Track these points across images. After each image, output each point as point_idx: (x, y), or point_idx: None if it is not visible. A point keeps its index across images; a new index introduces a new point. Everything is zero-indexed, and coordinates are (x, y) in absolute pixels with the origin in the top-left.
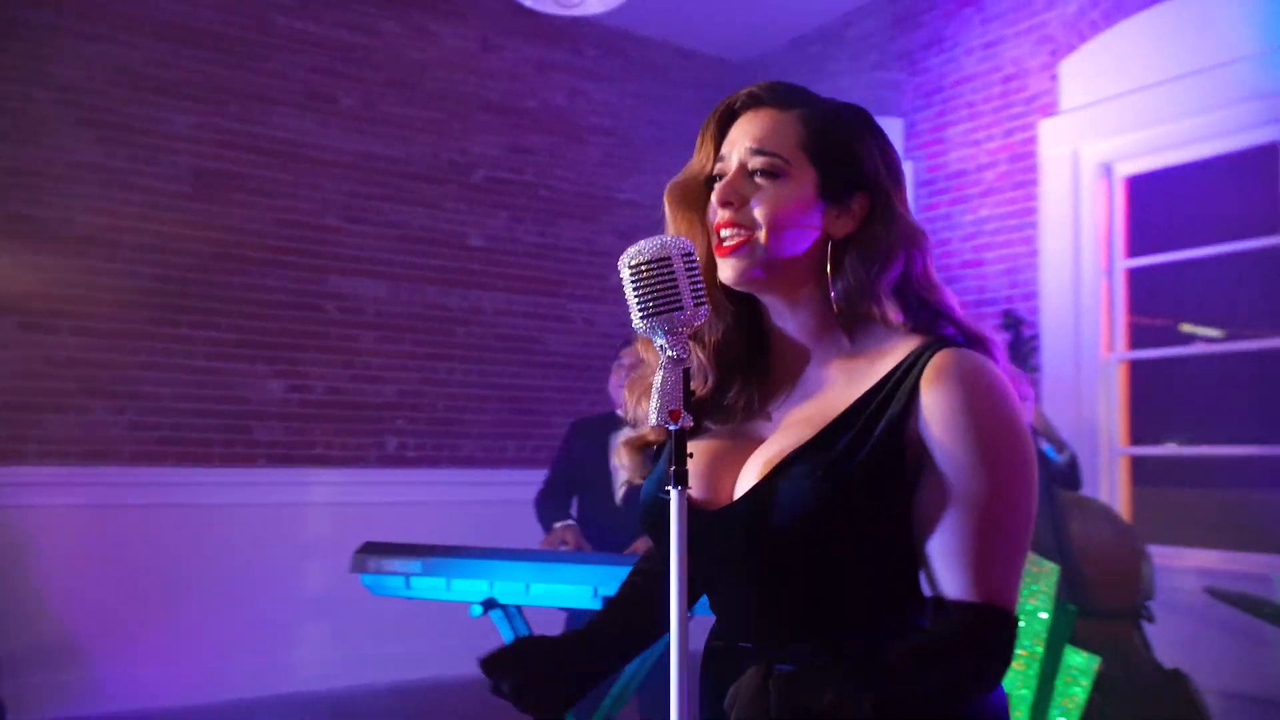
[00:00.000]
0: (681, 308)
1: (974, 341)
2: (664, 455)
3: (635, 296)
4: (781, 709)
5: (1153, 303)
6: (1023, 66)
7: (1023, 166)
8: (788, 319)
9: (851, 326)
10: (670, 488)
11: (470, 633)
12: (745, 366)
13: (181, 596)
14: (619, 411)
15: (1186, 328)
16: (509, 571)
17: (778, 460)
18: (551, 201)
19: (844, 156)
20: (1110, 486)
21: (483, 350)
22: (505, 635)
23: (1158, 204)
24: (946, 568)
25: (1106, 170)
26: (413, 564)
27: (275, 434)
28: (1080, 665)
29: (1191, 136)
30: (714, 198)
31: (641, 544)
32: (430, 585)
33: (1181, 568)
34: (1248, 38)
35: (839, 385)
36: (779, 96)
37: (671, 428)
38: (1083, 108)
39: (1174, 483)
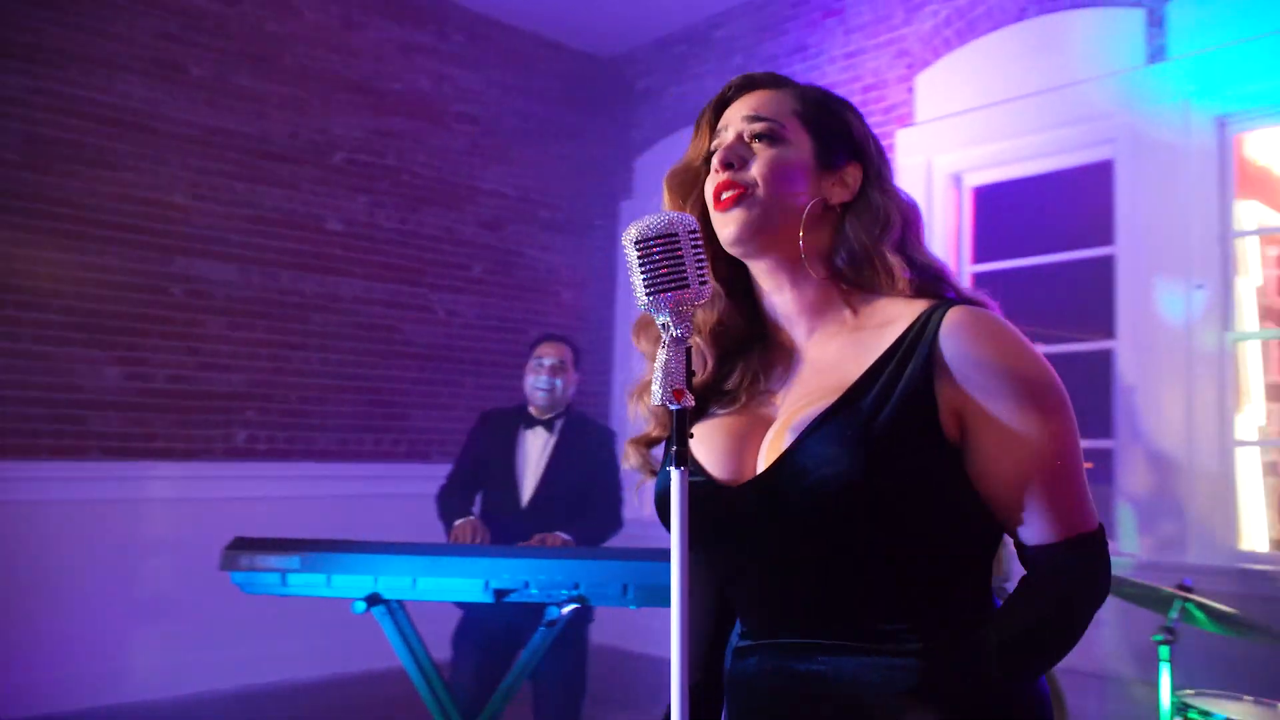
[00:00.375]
0: (687, 285)
1: (973, 303)
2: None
3: (641, 273)
4: None
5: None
6: (882, 78)
7: None
8: (788, 292)
9: (853, 296)
10: (671, 468)
11: (317, 633)
12: (744, 349)
13: (6, 601)
14: (531, 408)
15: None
16: (395, 566)
17: (802, 427)
18: (414, 187)
19: (837, 127)
20: None
21: (339, 339)
22: (389, 633)
23: (1002, 214)
24: (1027, 518)
25: (956, 180)
26: (290, 560)
27: (111, 425)
28: None
29: (1035, 152)
30: (714, 163)
31: (537, 541)
32: (309, 582)
33: None
34: (1088, 62)
35: (850, 355)
36: (770, 79)
37: (673, 407)
38: (936, 120)
39: None
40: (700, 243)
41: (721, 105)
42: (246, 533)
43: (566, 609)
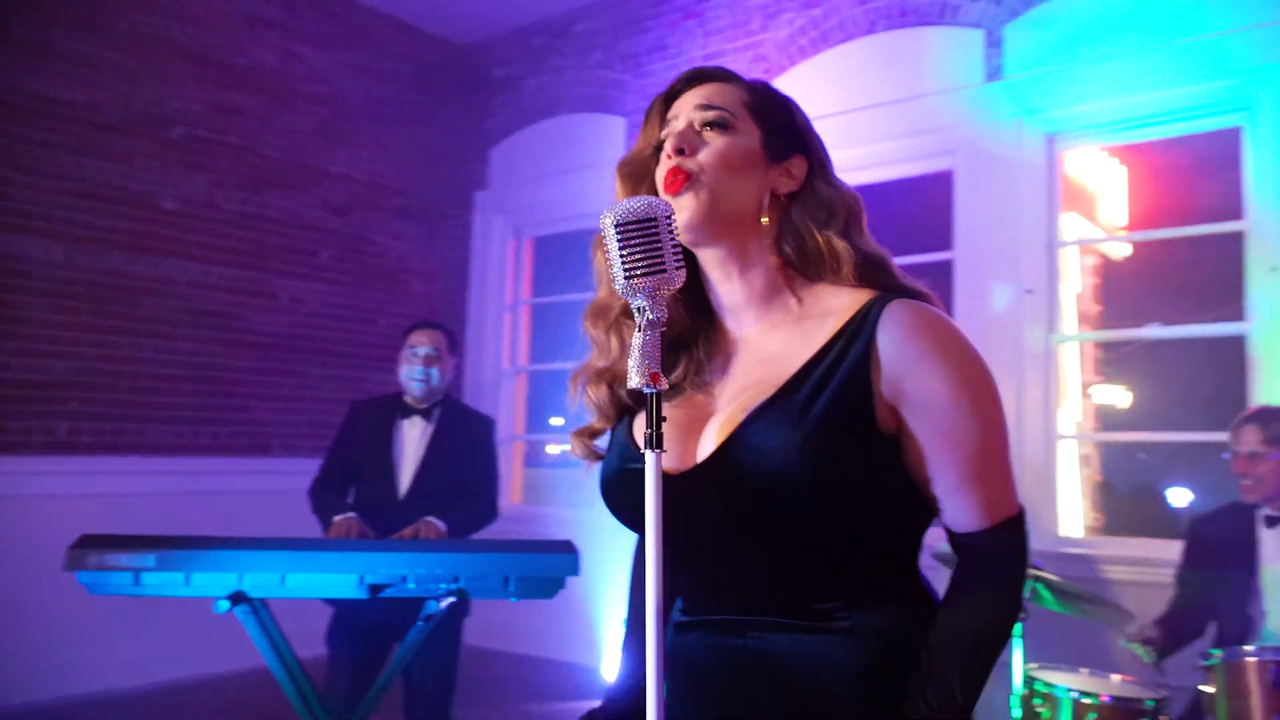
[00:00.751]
0: (665, 270)
1: (917, 295)
2: (620, 432)
3: (621, 257)
4: None
5: None
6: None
7: None
8: (736, 281)
9: (799, 284)
10: (646, 450)
11: (177, 633)
12: (687, 342)
13: None
14: (406, 398)
15: None
16: (262, 562)
17: (741, 416)
18: (257, 168)
19: (784, 119)
20: None
21: (174, 325)
22: (252, 633)
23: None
24: (961, 506)
25: None
26: (145, 558)
27: None
28: None
29: (881, 160)
30: (665, 149)
31: (411, 530)
32: (166, 581)
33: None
34: (932, 77)
35: (793, 346)
36: (720, 72)
37: (648, 390)
38: None
39: None
40: (674, 229)
41: (671, 97)
42: (64, 533)
43: (444, 603)
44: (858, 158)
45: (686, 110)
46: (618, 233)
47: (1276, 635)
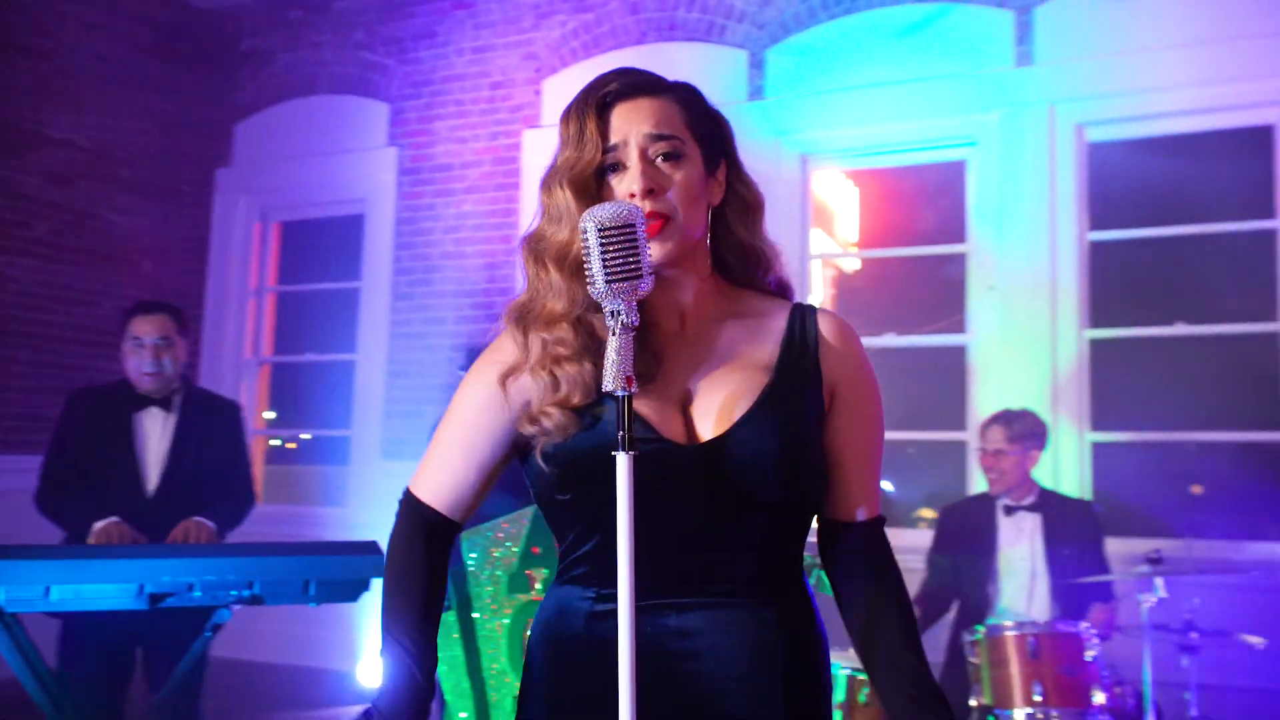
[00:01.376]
0: (641, 276)
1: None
2: (604, 410)
3: (602, 261)
4: None
5: None
6: (510, 77)
7: (506, 170)
8: (676, 291)
9: (724, 286)
10: (618, 452)
11: None
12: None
13: None
14: (140, 388)
15: None
16: (22, 573)
17: (735, 406)
18: None
19: (713, 128)
20: None
21: None
22: (4, 649)
23: None
24: (863, 496)
25: None
26: None
27: None
28: None
29: None
30: (632, 186)
31: (180, 532)
32: None
33: None
34: (705, 91)
35: (740, 339)
36: (649, 84)
37: (620, 394)
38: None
39: None
40: (646, 236)
41: (603, 106)
42: None
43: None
44: None
45: (635, 135)
46: (600, 237)
47: (1009, 611)
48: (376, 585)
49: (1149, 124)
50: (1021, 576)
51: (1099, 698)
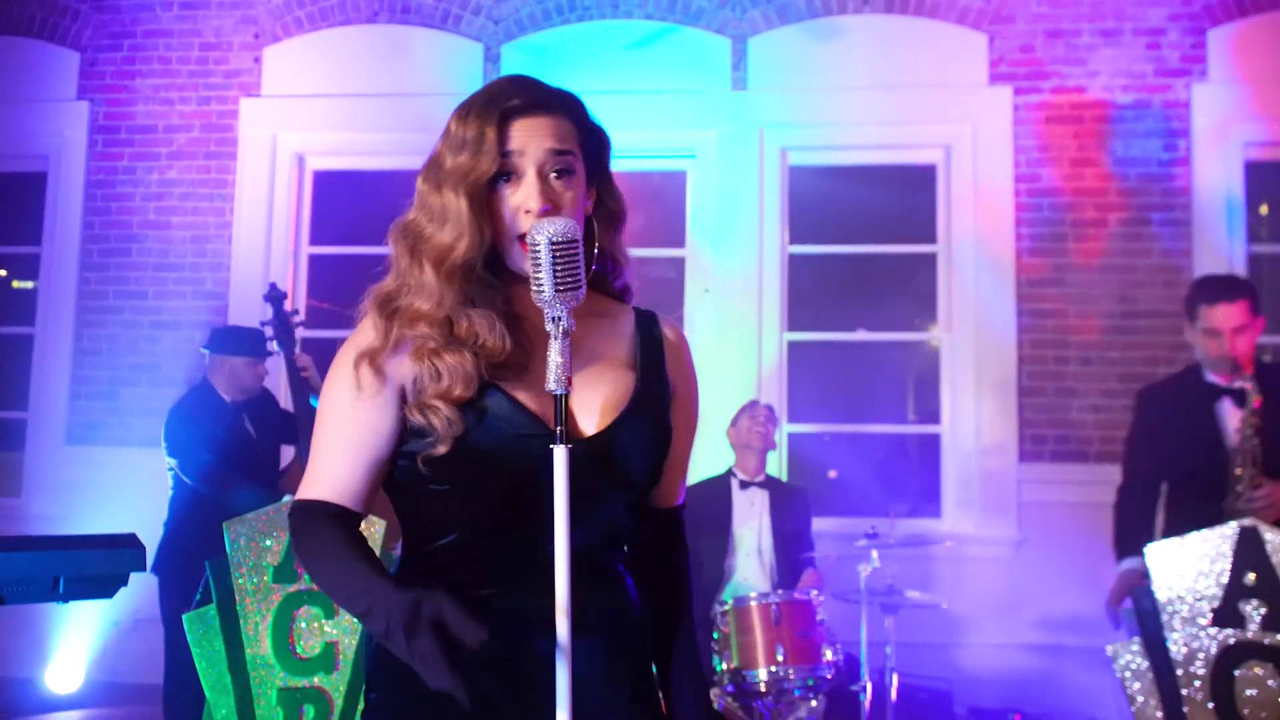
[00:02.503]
0: (580, 287)
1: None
2: (492, 401)
3: (553, 273)
4: None
5: (329, 289)
6: (225, 39)
7: (219, 138)
8: None
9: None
10: (556, 445)
11: None
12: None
13: None
14: None
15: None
16: None
17: (612, 407)
18: None
19: (597, 145)
20: None
21: None
22: None
23: (344, 199)
24: (676, 483)
25: (300, 161)
26: None
27: None
28: None
29: (379, 149)
30: (529, 203)
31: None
32: None
33: None
34: (431, 78)
35: (595, 338)
36: (550, 100)
37: (559, 393)
38: (284, 97)
39: None
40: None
41: (504, 117)
42: None
43: None
44: (356, 143)
45: (535, 150)
46: (552, 251)
47: (741, 585)
48: (135, 580)
49: (839, 154)
50: (752, 549)
51: (828, 655)
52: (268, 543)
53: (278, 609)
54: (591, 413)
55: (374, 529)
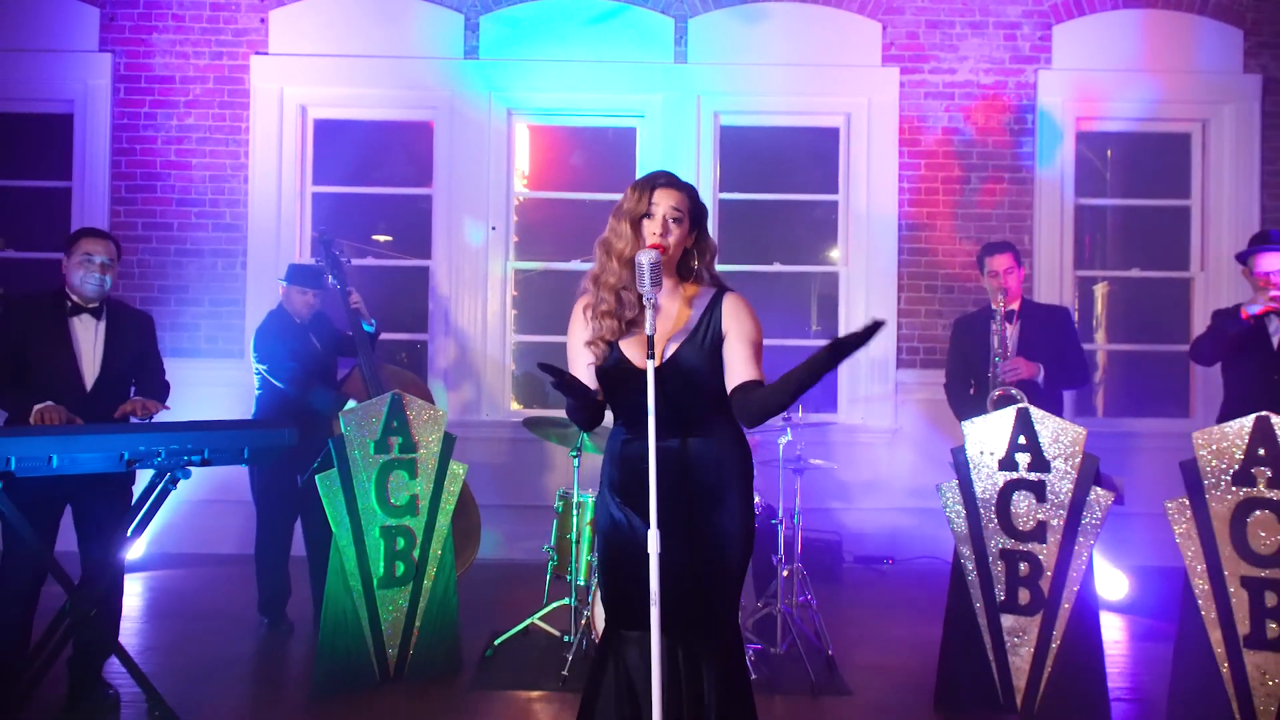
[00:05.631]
0: (660, 284)
1: (725, 284)
2: (614, 345)
3: (649, 278)
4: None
5: (330, 222)
6: (233, 0)
7: (232, 90)
8: (664, 284)
9: (683, 284)
10: (649, 361)
11: None
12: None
13: None
14: (74, 297)
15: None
16: (30, 445)
17: (676, 343)
18: None
19: (697, 211)
20: None
21: None
22: (7, 511)
23: (343, 145)
24: (736, 371)
25: (303, 111)
26: None
27: None
28: (456, 471)
29: (374, 103)
30: (654, 229)
31: (131, 406)
32: None
33: None
34: (419, 41)
35: (683, 311)
36: (678, 184)
37: (649, 334)
38: (290, 55)
39: None
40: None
41: (653, 187)
42: None
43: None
44: (354, 97)
45: (664, 207)
46: (650, 267)
47: None
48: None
49: (762, 117)
50: None
51: (755, 499)
52: (370, 425)
53: (378, 471)
54: (666, 348)
55: (459, 470)
